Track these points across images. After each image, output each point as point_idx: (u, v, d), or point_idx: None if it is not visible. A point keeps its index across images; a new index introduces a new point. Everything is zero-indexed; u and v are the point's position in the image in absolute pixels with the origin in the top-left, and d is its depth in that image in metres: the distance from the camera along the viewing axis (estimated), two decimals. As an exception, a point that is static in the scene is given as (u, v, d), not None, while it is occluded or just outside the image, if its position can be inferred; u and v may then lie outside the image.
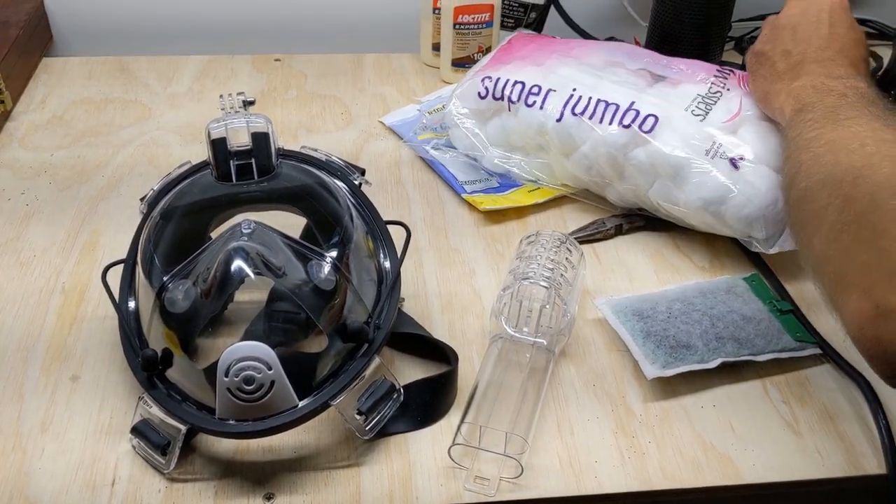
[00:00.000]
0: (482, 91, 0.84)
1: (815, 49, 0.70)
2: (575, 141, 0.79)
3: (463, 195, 0.83)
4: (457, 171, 0.86)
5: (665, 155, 0.75)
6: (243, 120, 0.65)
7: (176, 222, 0.64)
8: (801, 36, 0.71)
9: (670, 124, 0.76)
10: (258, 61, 1.08)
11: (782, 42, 0.72)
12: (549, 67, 0.84)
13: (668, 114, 0.76)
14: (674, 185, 0.75)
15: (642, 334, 0.66)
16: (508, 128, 0.84)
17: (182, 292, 0.59)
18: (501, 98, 0.83)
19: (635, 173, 0.77)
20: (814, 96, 0.65)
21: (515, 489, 0.56)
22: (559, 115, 0.80)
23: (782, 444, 0.60)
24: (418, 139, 0.91)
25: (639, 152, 0.76)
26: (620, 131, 0.77)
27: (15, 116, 0.95)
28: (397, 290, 0.64)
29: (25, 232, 0.78)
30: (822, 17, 0.72)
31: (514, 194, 0.83)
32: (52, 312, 0.69)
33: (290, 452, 0.58)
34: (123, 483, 0.56)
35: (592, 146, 0.78)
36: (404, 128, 0.94)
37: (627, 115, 0.77)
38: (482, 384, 0.61)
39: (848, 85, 0.64)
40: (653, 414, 0.62)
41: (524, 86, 0.82)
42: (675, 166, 0.74)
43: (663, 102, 0.77)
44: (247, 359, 0.53)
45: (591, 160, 0.79)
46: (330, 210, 0.65)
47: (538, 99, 0.81)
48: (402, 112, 0.97)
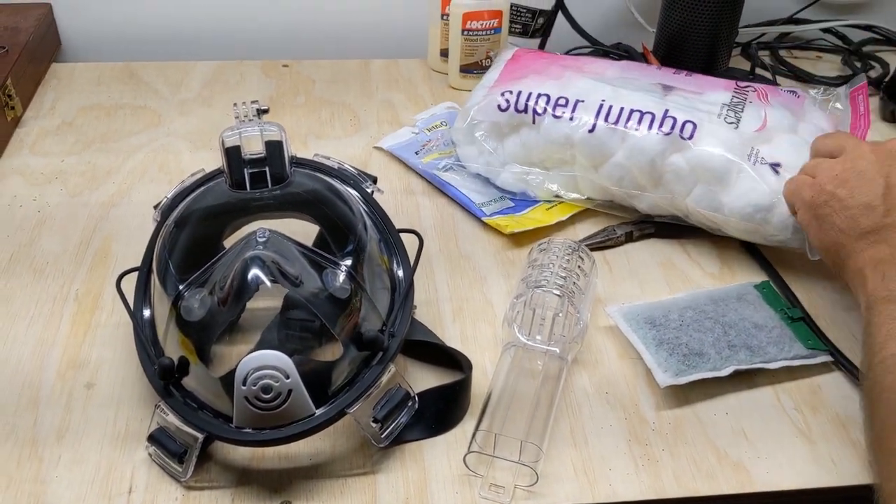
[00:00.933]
0: (503, 104, 0.83)
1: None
2: (606, 151, 0.78)
3: (483, 219, 0.81)
4: (471, 193, 0.84)
5: (709, 158, 0.74)
6: (257, 128, 0.65)
7: (191, 230, 0.64)
8: (885, 190, 0.64)
9: (708, 129, 0.76)
10: (267, 67, 1.08)
11: (864, 192, 0.64)
12: (567, 80, 0.83)
13: (703, 121, 0.76)
14: (720, 189, 0.74)
15: (655, 342, 0.66)
16: (529, 143, 0.82)
17: (198, 301, 0.60)
18: (525, 111, 0.81)
19: (673, 180, 0.77)
20: None
21: (530, 497, 0.57)
22: (591, 126, 0.78)
23: (795, 452, 0.60)
24: (423, 162, 0.89)
25: (677, 158, 0.76)
26: (658, 137, 0.76)
27: (25, 122, 0.95)
28: (411, 298, 0.64)
29: (38, 238, 0.78)
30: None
31: (533, 213, 0.82)
32: (66, 319, 0.70)
33: (307, 460, 0.59)
34: (140, 492, 0.56)
35: (627, 154, 0.77)
36: (403, 150, 0.91)
37: (665, 122, 0.76)
38: (496, 392, 0.61)
39: None
40: (666, 422, 0.63)
41: (549, 98, 0.81)
42: (720, 171, 0.74)
43: (695, 111, 0.77)
44: (264, 367, 0.54)
45: (625, 169, 0.78)
46: (343, 218, 0.65)
47: (566, 110, 0.80)
48: (398, 135, 0.94)
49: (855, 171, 0.66)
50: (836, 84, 1.05)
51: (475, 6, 0.99)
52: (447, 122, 0.95)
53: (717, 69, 1.02)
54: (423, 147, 0.91)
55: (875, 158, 0.65)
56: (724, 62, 1.03)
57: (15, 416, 0.61)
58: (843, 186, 0.66)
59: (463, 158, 0.87)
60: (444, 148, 0.90)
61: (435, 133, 0.93)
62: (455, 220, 0.82)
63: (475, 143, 0.85)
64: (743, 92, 0.80)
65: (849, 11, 1.21)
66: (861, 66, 1.10)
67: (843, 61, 1.13)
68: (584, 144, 0.79)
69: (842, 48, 1.16)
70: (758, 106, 0.78)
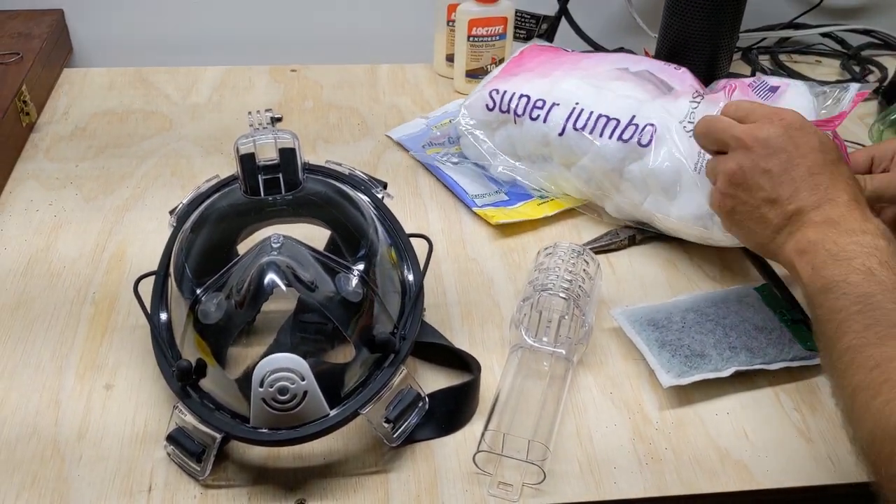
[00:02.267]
0: (489, 104, 0.87)
1: (806, 191, 0.62)
2: (576, 153, 0.82)
3: (474, 209, 0.85)
4: (466, 184, 0.88)
5: (659, 171, 0.77)
6: (271, 136, 0.67)
7: (207, 235, 0.66)
8: (778, 178, 0.63)
9: (666, 136, 0.78)
10: (275, 72, 1.10)
11: (758, 189, 0.64)
12: (555, 79, 0.86)
13: (666, 124, 0.79)
14: (666, 199, 0.78)
15: (657, 344, 0.68)
16: (514, 138, 0.86)
17: (215, 304, 0.62)
18: (507, 111, 0.86)
19: (631, 187, 0.80)
20: (834, 269, 0.58)
21: (538, 494, 0.59)
22: (561, 129, 0.82)
23: (795, 451, 0.62)
24: (427, 153, 0.93)
25: (634, 167, 0.79)
26: (618, 145, 0.79)
27: (39, 128, 0.97)
28: (421, 301, 0.66)
29: (55, 242, 0.80)
30: (789, 146, 0.63)
31: (523, 207, 0.85)
32: (84, 322, 0.71)
33: (320, 459, 0.60)
34: (160, 489, 0.58)
35: (591, 159, 0.81)
36: (411, 142, 0.95)
37: (627, 129, 0.79)
38: (503, 392, 0.63)
39: (865, 246, 0.58)
40: (669, 421, 0.64)
41: (529, 99, 0.85)
42: (666, 182, 0.77)
43: (663, 114, 0.80)
44: (281, 370, 0.55)
45: (590, 172, 0.82)
46: (355, 223, 0.67)
47: (542, 112, 0.84)
48: (410, 126, 0.99)
49: (748, 167, 0.65)
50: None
51: (481, 13, 1.00)
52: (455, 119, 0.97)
53: (718, 73, 1.04)
54: (430, 141, 0.95)
55: (764, 140, 0.64)
56: (724, 67, 1.05)
57: (36, 417, 0.63)
58: (741, 187, 0.66)
59: (464, 150, 0.92)
60: (448, 144, 0.94)
61: (443, 129, 0.96)
62: (462, 224, 0.84)
63: (471, 136, 0.89)
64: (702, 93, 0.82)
65: (848, 16, 1.23)
66: (860, 71, 1.12)
67: (842, 65, 1.15)
68: (558, 144, 0.83)
69: (841, 52, 1.18)
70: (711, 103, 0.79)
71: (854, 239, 0.59)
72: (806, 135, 0.64)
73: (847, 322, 0.55)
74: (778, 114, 0.66)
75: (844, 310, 0.55)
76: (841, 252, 0.58)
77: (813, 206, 0.62)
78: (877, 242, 0.58)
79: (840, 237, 0.59)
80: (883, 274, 0.56)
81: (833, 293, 0.57)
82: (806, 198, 0.62)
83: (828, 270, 0.58)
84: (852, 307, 0.55)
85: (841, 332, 0.55)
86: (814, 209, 0.62)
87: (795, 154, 0.63)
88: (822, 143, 0.64)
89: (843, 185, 0.62)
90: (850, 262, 0.57)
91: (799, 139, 0.64)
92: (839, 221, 0.60)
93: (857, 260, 0.57)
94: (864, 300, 0.55)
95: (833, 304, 0.57)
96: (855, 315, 0.55)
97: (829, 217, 0.61)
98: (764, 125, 0.65)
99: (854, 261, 0.57)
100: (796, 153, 0.63)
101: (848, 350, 0.54)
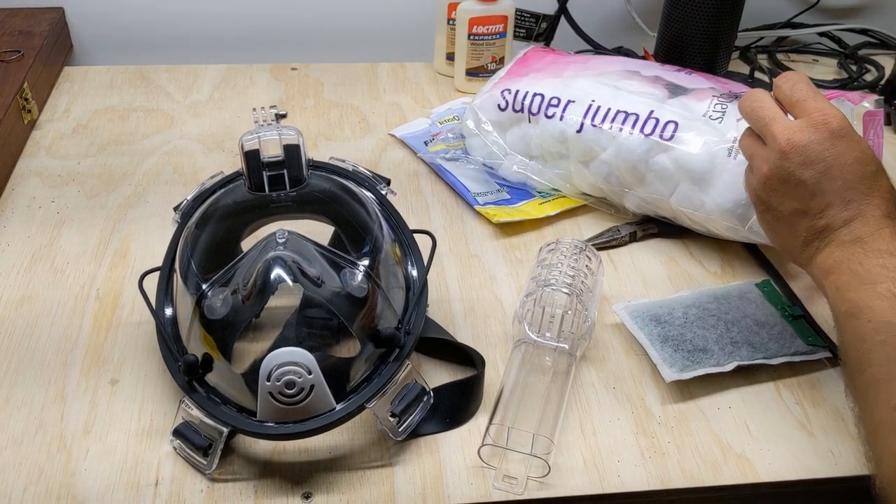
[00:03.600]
0: (502, 103, 0.87)
1: (837, 207, 0.60)
2: (595, 149, 0.82)
3: (476, 207, 0.85)
4: (469, 182, 0.88)
5: (690, 159, 0.76)
6: (275, 132, 0.67)
7: (212, 231, 0.66)
8: (811, 190, 0.60)
9: (690, 129, 0.78)
10: (276, 70, 1.10)
11: (790, 198, 0.62)
12: (567, 79, 0.86)
13: (687, 121, 0.78)
14: (700, 188, 0.77)
15: (660, 339, 0.68)
16: (528, 137, 0.86)
17: (221, 299, 0.62)
18: (521, 110, 0.85)
19: (656, 180, 0.79)
20: (859, 292, 0.56)
21: (542, 488, 0.59)
22: (579, 127, 0.82)
23: (796, 444, 0.63)
24: (430, 151, 0.93)
25: (661, 158, 0.78)
26: (641, 138, 0.79)
27: (40, 125, 0.97)
28: (425, 296, 0.66)
29: (58, 239, 0.80)
30: (828, 156, 0.60)
31: (525, 206, 0.86)
32: (88, 318, 0.71)
33: (326, 453, 0.61)
34: (166, 483, 0.58)
35: (614, 153, 0.81)
36: (415, 140, 0.96)
37: (648, 123, 0.79)
38: (508, 387, 0.63)
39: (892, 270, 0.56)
40: (671, 415, 0.65)
41: (543, 98, 0.85)
42: (700, 171, 0.76)
43: (683, 111, 0.79)
44: (288, 364, 0.56)
45: (612, 167, 0.81)
46: (359, 219, 0.68)
47: (557, 110, 0.83)
48: (413, 125, 0.99)
49: (783, 175, 0.62)
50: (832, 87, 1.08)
51: (481, 11, 1.01)
52: (459, 116, 0.98)
53: (717, 72, 1.04)
54: (433, 138, 0.95)
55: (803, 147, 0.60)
56: (723, 66, 1.06)
57: (42, 412, 0.63)
58: (774, 192, 0.63)
59: (470, 149, 0.91)
60: (452, 140, 0.94)
61: (446, 126, 0.96)
62: (464, 221, 0.85)
63: (480, 135, 0.89)
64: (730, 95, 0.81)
65: (845, 16, 1.24)
66: (857, 70, 1.13)
67: (839, 65, 1.16)
68: (576, 141, 0.82)
69: (838, 52, 1.18)
70: None
71: (880, 261, 0.57)
72: (848, 144, 0.60)
73: (871, 353, 0.54)
74: (825, 116, 0.61)
75: (868, 338, 0.54)
76: (866, 274, 0.56)
77: (843, 222, 0.60)
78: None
79: (866, 258, 0.57)
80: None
81: (857, 319, 0.55)
82: (836, 214, 0.60)
83: (852, 293, 0.57)
84: (876, 336, 0.54)
85: (866, 362, 0.54)
86: (843, 226, 0.59)
87: (834, 165, 0.60)
88: (864, 154, 0.60)
89: (878, 199, 0.59)
90: (875, 287, 0.55)
91: (840, 148, 0.60)
92: (867, 240, 0.58)
93: (882, 285, 0.55)
94: (888, 329, 0.53)
95: (857, 331, 0.55)
96: (879, 346, 0.53)
97: (857, 235, 0.59)
98: (806, 129, 0.61)
99: (879, 285, 0.55)
100: (835, 164, 0.60)
101: (872, 383, 0.53)
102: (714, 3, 0.99)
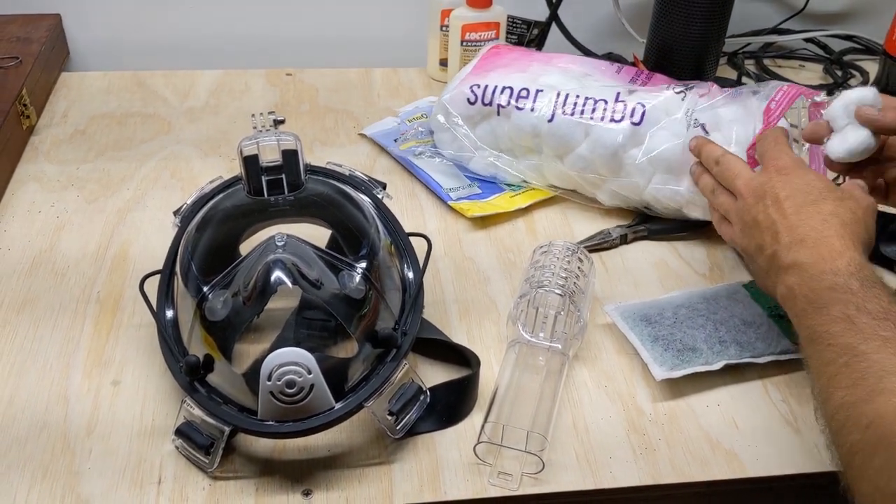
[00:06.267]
0: (471, 97, 0.89)
1: (783, 234, 0.63)
2: (571, 143, 0.84)
3: (449, 202, 0.87)
4: (440, 177, 0.90)
5: (664, 151, 0.81)
6: (274, 138, 0.68)
7: (212, 234, 0.67)
8: (761, 226, 0.66)
9: (657, 110, 0.82)
10: (271, 75, 1.11)
11: (752, 237, 0.67)
12: (534, 73, 0.89)
13: (652, 102, 0.82)
14: (674, 177, 0.81)
15: (650, 338, 0.70)
16: (498, 131, 0.89)
17: (221, 301, 0.63)
18: (490, 104, 0.88)
19: (634, 171, 0.83)
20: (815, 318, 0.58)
21: (537, 483, 0.61)
22: (550, 115, 0.85)
23: (783, 440, 0.65)
24: (400, 149, 0.95)
25: (636, 151, 0.82)
26: (613, 129, 0.82)
27: (39, 130, 0.98)
28: (421, 298, 0.68)
29: (58, 243, 0.81)
30: (773, 191, 0.66)
31: (497, 200, 0.88)
32: (89, 321, 0.73)
33: (325, 451, 0.62)
34: (169, 482, 0.60)
35: (591, 147, 0.83)
36: (384, 137, 0.98)
37: (617, 109, 0.83)
38: (502, 386, 0.65)
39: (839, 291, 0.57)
40: (661, 413, 0.66)
41: (513, 90, 0.87)
42: (673, 161, 0.80)
43: (648, 98, 0.83)
44: (289, 364, 0.57)
45: (588, 160, 0.84)
46: (356, 223, 0.69)
47: (528, 101, 0.86)
48: (382, 123, 1.01)
49: (746, 218, 0.68)
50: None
51: (474, 18, 1.03)
52: (427, 114, 1.00)
53: (705, 77, 1.06)
54: (402, 135, 0.97)
55: (754, 189, 0.67)
56: (711, 71, 1.08)
57: (45, 413, 0.64)
58: (745, 238, 0.68)
59: (439, 144, 0.93)
60: (421, 137, 0.96)
61: (414, 124, 0.99)
62: (458, 224, 0.86)
63: (449, 130, 0.91)
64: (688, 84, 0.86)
65: (831, 22, 1.26)
66: (842, 75, 1.15)
67: (825, 70, 1.18)
68: (549, 135, 0.85)
69: (823, 57, 1.21)
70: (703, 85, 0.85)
71: (827, 283, 0.58)
72: (791, 178, 0.66)
73: (837, 377, 0.55)
74: (775, 160, 0.68)
75: (832, 363, 0.55)
76: (818, 299, 0.58)
77: (788, 249, 0.62)
78: (849, 284, 0.57)
79: (813, 282, 0.59)
80: (862, 320, 0.55)
81: (819, 344, 0.57)
82: (783, 242, 0.63)
83: (809, 320, 0.59)
84: (839, 359, 0.55)
85: (832, 387, 0.55)
86: (788, 253, 0.62)
87: (779, 198, 0.65)
88: (807, 184, 0.65)
89: (819, 224, 0.62)
90: (829, 311, 0.57)
91: (784, 182, 0.66)
92: (810, 264, 0.60)
93: (834, 308, 0.57)
94: (849, 352, 0.54)
95: (821, 356, 0.56)
96: (843, 368, 0.54)
97: (801, 260, 0.61)
98: (760, 174, 0.69)
99: (832, 309, 0.57)
100: (780, 196, 0.65)
101: (841, 408, 0.54)
102: (702, 10, 1.00)
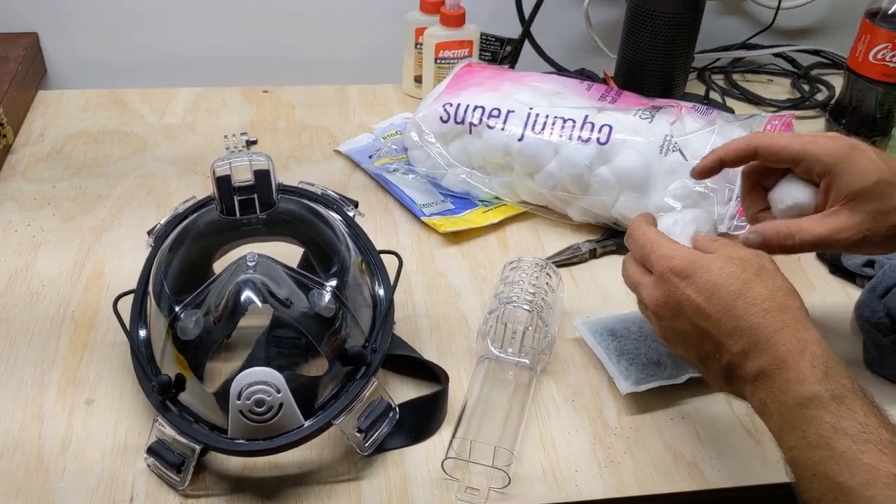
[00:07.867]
0: (444, 115, 0.91)
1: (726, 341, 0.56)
2: (540, 161, 0.86)
3: (422, 218, 0.89)
4: (414, 193, 0.92)
5: (630, 170, 0.83)
6: (246, 158, 0.70)
7: (184, 254, 0.68)
8: (694, 335, 0.59)
9: (623, 131, 0.84)
10: (248, 93, 1.12)
11: (686, 348, 0.60)
12: (505, 92, 0.91)
13: (620, 122, 0.85)
14: (641, 195, 0.83)
15: (616, 353, 0.72)
16: (470, 149, 0.90)
17: (193, 321, 0.64)
18: (462, 122, 0.90)
19: (601, 189, 0.85)
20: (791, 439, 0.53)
21: (503, 498, 0.62)
22: (520, 135, 0.87)
23: (744, 452, 0.66)
24: (375, 165, 0.96)
25: (603, 170, 0.84)
26: (581, 148, 0.84)
27: (16, 149, 0.99)
28: (391, 315, 0.69)
29: (34, 262, 0.82)
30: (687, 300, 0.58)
31: (469, 215, 0.90)
32: (64, 340, 0.73)
33: (295, 468, 0.63)
34: (141, 499, 0.61)
35: (559, 165, 0.86)
36: (359, 154, 0.99)
37: (584, 129, 0.85)
38: (471, 401, 0.66)
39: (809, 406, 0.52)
40: (627, 426, 0.68)
41: (484, 110, 0.89)
42: (639, 178, 0.83)
43: (616, 119, 0.85)
44: (258, 383, 0.58)
45: (557, 179, 0.86)
46: (327, 241, 0.70)
47: (498, 121, 0.88)
48: (357, 140, 1.02)
49: (668, 334, 0.62)
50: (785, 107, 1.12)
51: (447, 37, 1.04)
52: (402, 131, 1.01)
53: (675, 93, 1.08)
54: (376, 152, 0.98)
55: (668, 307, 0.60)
56: (680, 86, 1.10)
57: (20, 431, 0.65)
58: (674, 346, 0.63)
59: (413, 161, 0.95)
60: (395, 153, 0.98)
61: (389, 141, 1.00)
62: (431, 240, 0.87)
63: (423, 148, 0.93)
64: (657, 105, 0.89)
65: (798, 37, 1.29)
66: (809, 90, 1.17)
67: (793, 84, 1.20)
68: (520, 154, 0.87)
69: (791, 72, 1.23)
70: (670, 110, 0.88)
71: (795, 397, 0.53)
72: (696, 279, 0.58)
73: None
74: (667, 262, 0.60)
75: (823, 498, 0.51)
76: (790, 417, 0.53)
77: (740, 356, 0.56)
78: (819, 396, 0.52)
79: (782, 395, 0.54)
80: (841, 445, 0.50)
81: (803, 471, 0.53)
82: (730, 349, 0.56)
83: (788, 440, 0.54)
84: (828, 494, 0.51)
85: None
86: (743, 360, 0.56)
87: (699, 305, 0.57)
88: (720, 277, 0.57)
89: (757, 317, 0.55)
90: (804, 434, 0.52)
91: (693, 287, 0.58)
92: (773, 371, 0.54)
93: (809, 430, 0.52)
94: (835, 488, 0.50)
95: (811, 489, 0.52)
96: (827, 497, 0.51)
97: (763, 368, 0.55)
98: (657, 284, 0.60)
99: (807, 431, 0.52)
100: (698, 303, 0.57)
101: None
102: (671, 25, 1.02)
